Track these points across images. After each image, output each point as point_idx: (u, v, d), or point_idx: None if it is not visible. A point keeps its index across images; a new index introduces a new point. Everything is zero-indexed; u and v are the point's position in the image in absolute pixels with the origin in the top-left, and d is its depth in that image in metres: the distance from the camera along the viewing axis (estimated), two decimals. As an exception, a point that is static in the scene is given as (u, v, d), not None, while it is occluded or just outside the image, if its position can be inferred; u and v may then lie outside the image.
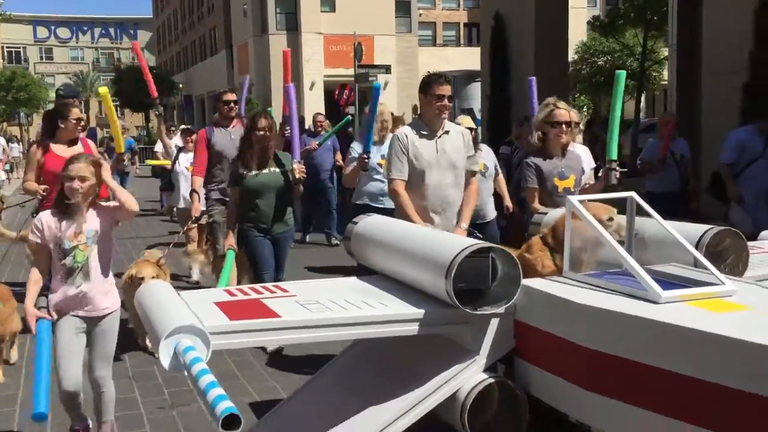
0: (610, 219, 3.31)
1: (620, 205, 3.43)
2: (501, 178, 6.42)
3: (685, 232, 3.29)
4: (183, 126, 8.67)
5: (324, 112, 10.83)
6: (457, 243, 2.98)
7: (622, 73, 4.35)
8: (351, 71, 26.75)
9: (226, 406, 1.99)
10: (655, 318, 2.43)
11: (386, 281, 3.41)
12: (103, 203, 3.65)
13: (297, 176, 5.22)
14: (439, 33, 47.32)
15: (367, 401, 3.05)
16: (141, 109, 47.30)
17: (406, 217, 4.31)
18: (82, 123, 5.53)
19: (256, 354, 5.24)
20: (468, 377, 3.00)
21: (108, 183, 3.61)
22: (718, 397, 2.20)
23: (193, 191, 6.26)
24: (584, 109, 30.29)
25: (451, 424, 3.08)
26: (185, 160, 8.06)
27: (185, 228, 7.23)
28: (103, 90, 5.41)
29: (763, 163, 6.61)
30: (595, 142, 9.32)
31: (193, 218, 6.40)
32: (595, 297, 2.75)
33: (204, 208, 6.36)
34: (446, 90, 4.40)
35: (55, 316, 3.47)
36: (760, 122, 6.76)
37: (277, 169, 5.25)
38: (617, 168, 4.46)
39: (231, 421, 1.97)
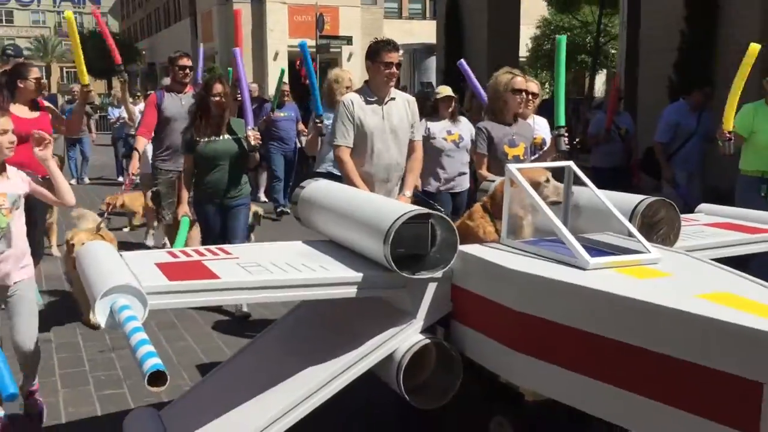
0: (547, 180, 3.36)
1: (559, 175, 3.49)
2: None
3: (621, 202, 3.36)
4: (148, 93, 8.49)
5: (288, 82, 10.70)
6: (396, 209, 3.01)
7: (563, 38, 4.42)
8: (325, 41, 26.48)
9: (153, 362, 2.01)
10: (579, 283, 2.49)
11: (330, 246, 3.43)
12: (31, 180, 3.52)
13: (252, 143, 5.13)
14: (405, 6, 46.91)
15: (306, 361, 3.09)
16: (103, 76, 46.22)
17: (351, 183, 4.32)
18: (41, 83, 5.31)
19: (204, 315, 5.27)
20: (404, 339, 3.05)
21: (50, 169, 3.49)
22: (634, 358, 2.28)
23: (134, 149, 6.07)
24: (546, 85, 30.45)
25: (389, 384, 3.14)
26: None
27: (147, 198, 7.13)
28: (69, 14, 5.15)
29: (697, 141, 6.70)
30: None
31: (132, 176, 6.22)
32: (525, 262, 2.81)
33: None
34: (394, 57, 4.38)
35: None
36: (688, 98, 6.85)
37: (231, 137, 5.14)
38: (565, 134, 4.53)
39: (157, 377, 2.00)
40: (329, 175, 5.62)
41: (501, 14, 13.04)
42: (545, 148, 5.04)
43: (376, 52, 4.41)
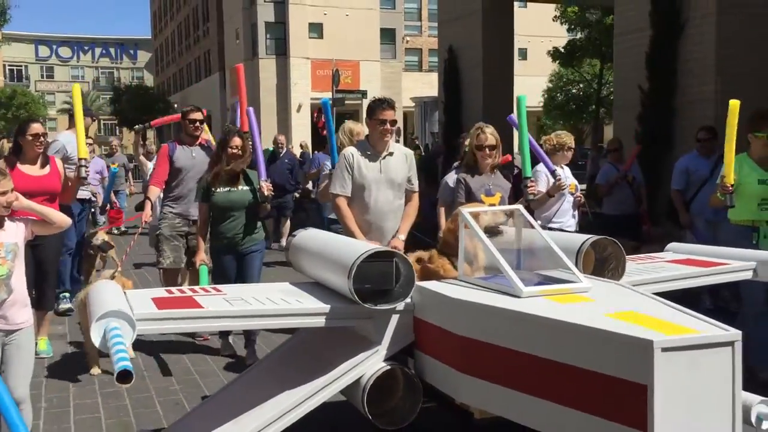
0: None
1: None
2: None
3: (570, 242, 3.68)
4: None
5: (310, 133, 11.24)
6: (360, 248, 3.33)
7: (523, 97, 4.78)
8: (341, 95, 27.29)
9: (123, 363, 2.39)
10: (510, 308, 2.80)
11: (313, 286, 3.72)
12: (22, 217, 3.56)
13: (266, 194, 5.30)
14: (425, 59, 48.01)
15: (282, 386, 3.38)
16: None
17: (348, 230, 4.63)
18: (41, 139, 5.32)
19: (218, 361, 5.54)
20: (370, 365, 3.34)
21: (30, 208, 3.53)
22: (551, 370, 2.56)
23: (146, 198, 6.13)
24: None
25: (357, 408, 3.42)
26: None
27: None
28: (76, 87, 5.25)
29: (710, 188, 6.41)
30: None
31: (144, 225, 6.22)
32: (470, 293, 3.12)
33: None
34: (389, 115, 4.65)
35: None
36: (698, 145, 6.99)
37: (246, 187, 5.31)
38: (530, 185, 4.92)
39: (124, 376, 2.41)
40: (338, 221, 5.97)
41: (494, 72, 13.78)
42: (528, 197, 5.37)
43: (373, 110, 4.72)
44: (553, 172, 5.40)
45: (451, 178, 5.77)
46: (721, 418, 2.34)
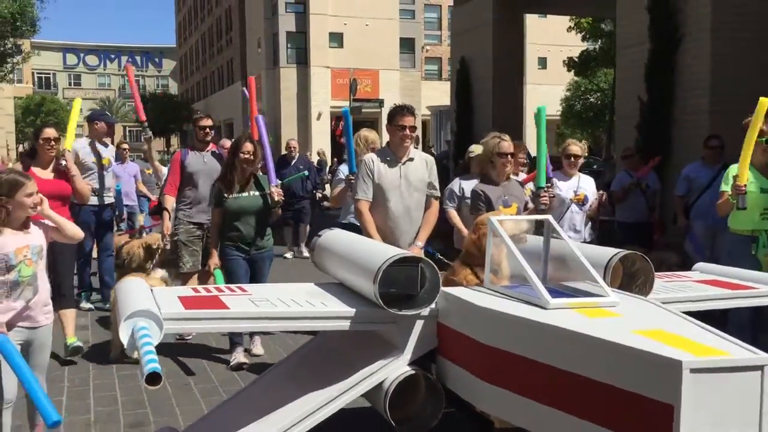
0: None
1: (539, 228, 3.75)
2: None
3: (599, 254, 3.61)
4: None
5: (330, 141, 11.20)
6: (386, 253, 3.30)
7: (543, 108, 4.73)
8: (358, 104, 27.36)
9: (152, 366, 2.34)
10: (537, 319, 2.74)
11: (337, 287, 3.70)
12: (43, 221, 3.69)
13: (276, 199, 5.36)
14: (444, 68, 47.93)
15: (305, 388, 3.35)
16: (162, 134, 48.07)
17: (368, 234, 4.61)
18: (52, 143, 5.44)
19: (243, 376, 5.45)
20: (393, 370, 3.30)
21: (50, 217, 3.64)
22: (576, 384, 2.50)
23: (164, 209, 6.27)
24: (582, 143, 30.77)
25: (379, 412, 3.38)
26: None
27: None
28: (77, 102, 5.49)
29: (708, 196, 6.76)
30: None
31: (165, 236, 6.31)
32: (496, 302, 3.06)
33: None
34: (408, 121, 4.66)
35: (5, 330, 3.37)
36: (708, 153, 6.98)
37: (257, 192, 5.36)
38: (544, 194, 4.88)
39: (153, 378, 2.36)
40: (351, 226, 5.92)
41: (504, 82, 14.04)
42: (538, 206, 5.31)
43: (393, 116, 4.73)
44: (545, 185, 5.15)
45: (456, 185, 5.75)
46: (748, 441, 2.26)
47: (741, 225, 5.02)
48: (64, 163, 5.51)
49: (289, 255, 10.88)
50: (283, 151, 11.28)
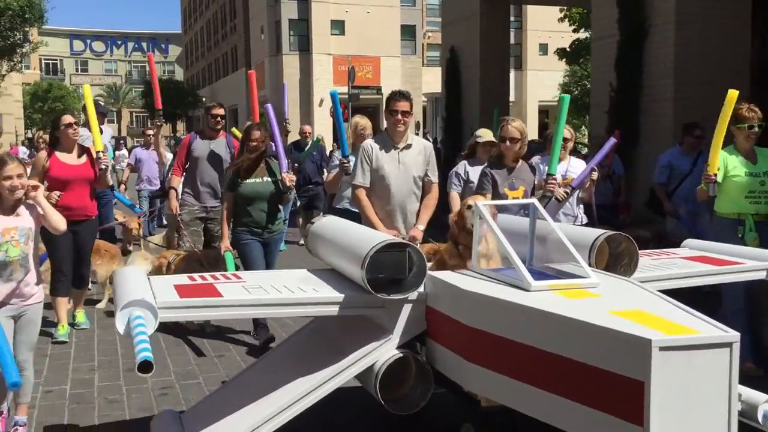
0: (469, 207, 3.60)
1: (526, 212, 3.76)
2: None
3: (585, 236, 3.62)
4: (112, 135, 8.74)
5: (331, 127, 11.11)
6: (373, 239, 3.32)
7: (566, 98, 4.73)
8: (356, 90, 27.30)
9: (144, 354, 2.38)
10: (518, 302, 2.76)
11: (329, 273, 3.72)
12: (31, 203, 3.76)
13: (287, 184, 5.40)
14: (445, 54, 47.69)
15: (299, 372, 3.39)
16: (169, 120, 48.00)
17: (368, 219, 4.62)
18: (73, 127, 5.54)
19: (237, 348, 5.59)
20: (383, 353, 3.33)
21: (40, 204, 3.73)
22: (555, 364, 2.53)
23: (171, 188, 6.41)
24: (582, 128, 30.61)
25: (370, 393, 3.42)
26: None
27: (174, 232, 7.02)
28: (86, 88, 5.52)
29: (690, 182, 6.79)
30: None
31: (172, 214, 6.44)
32: (480, 284, 3.09)
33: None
34: (401, 106, 4.64)
35: None
36: (692, 141, 7.00)
37: (269, 178, 5.39)
38: (551, 182, 4.89)
39: (145, 366, 2.40)
40: (345, 211, 5.91)
41: (490, 72, 14.58)
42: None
43: (388, 101, 4.73)
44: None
45: (461, 168, 5.74)
46: (717, 418, 2.30)
47: (728, 209, 5.02)
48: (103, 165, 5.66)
49: (303, 241, 10.86)
50: (297, 137, 11.28)
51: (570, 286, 2.97)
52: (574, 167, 5.69)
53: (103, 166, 5.59)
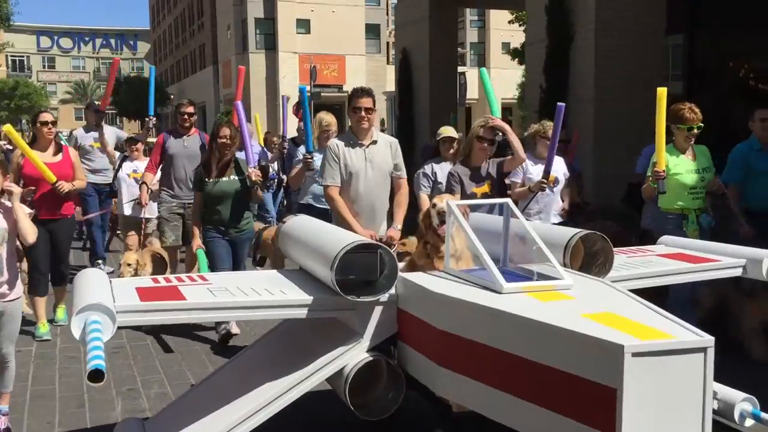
0: (434, 205, 3.47)
1: (500, 211, 3.60)
2: None
3: (560, 235, 3.48)
4: (128, 136, 8.34)
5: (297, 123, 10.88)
6: (343, 239, 3.13)
7: (483, 70, 4.72)
8: (318, 89, 27.00)
9: (96, 363, 2.20)
10: (488, 305, 2.61)
11: (299, 274, 3.53)
12: (8, 205, 3.73)
13: (254, 179, 5.20)
14: (408, 54, 47.57)
15: (268, 375, 3.18)
16: (137, 118, 46.95)
17: (342, 219, 4.44)
18: (49, 126, 5.48)
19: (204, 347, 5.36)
20: (353, 356, 3.15)
21: (15, 210, 3.69)
22: (533, 372, 2.38)
23: (143, 183, 6.50)
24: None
25: (341, 398, 3.23)
26: (128, 167, 7.45)
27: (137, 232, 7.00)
28: (7, 128, 5.45)
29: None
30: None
31: (142, 211, 6.63)
32: (451, 287, 2.92)
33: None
34: (364, 102, 4.49)
35: None
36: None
37: (236, 176, 5.23)
38: (544, 182, 4.95)
39: (95, 375, 2.22)
40: (309, 207, 5.80)
41: (439, 73, 15.13)
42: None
43: (350, 99, 4.60)
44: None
45: (428, 168, 5.60)
46: (691, 423, 2.17)
47: (671, 204, 5.06)
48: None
49: None
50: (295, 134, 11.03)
51: (543, 288, 2.83)
52: (555, 165, 5.55)
53: (62, 193, 5.41)
